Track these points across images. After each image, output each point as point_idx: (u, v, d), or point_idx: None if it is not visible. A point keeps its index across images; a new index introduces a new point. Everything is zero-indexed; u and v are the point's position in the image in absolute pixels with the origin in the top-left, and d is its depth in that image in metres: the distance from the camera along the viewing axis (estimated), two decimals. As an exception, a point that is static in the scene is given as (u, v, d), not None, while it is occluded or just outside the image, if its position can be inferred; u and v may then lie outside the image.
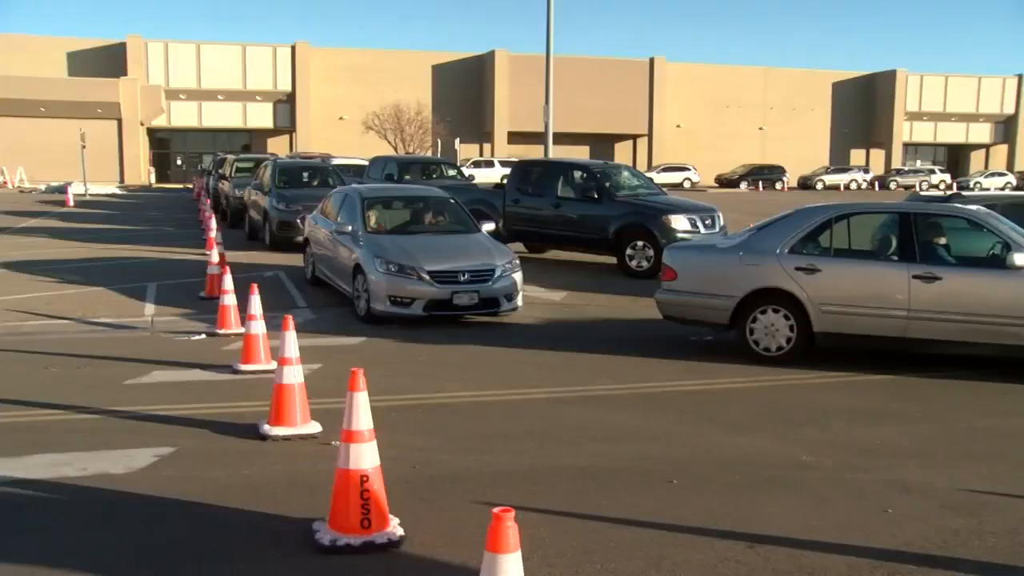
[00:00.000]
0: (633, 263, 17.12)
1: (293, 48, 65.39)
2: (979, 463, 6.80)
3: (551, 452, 6.88)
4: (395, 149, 57.13)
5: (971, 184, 63.69)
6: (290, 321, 7.23)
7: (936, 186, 64.38)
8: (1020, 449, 7.23)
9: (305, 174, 22.74)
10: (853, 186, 67.57)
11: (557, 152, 34.40)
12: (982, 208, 10.42)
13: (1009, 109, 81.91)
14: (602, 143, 71.41)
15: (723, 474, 6.38)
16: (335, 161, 31.66)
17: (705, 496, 5.94)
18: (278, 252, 19.29)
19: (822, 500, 5.92)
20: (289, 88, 65.54)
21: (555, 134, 32.91)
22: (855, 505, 5.83)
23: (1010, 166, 79.18)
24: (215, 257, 14.04)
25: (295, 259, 17.01)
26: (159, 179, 62.06)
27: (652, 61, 72.66)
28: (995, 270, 9.39)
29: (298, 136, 65.39)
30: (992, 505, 5.84)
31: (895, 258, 9.75)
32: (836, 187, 66.13)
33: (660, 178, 53.35)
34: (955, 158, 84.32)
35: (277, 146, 63.23)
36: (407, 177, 23.91)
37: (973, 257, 9.78)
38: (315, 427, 7.14)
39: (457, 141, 58.56)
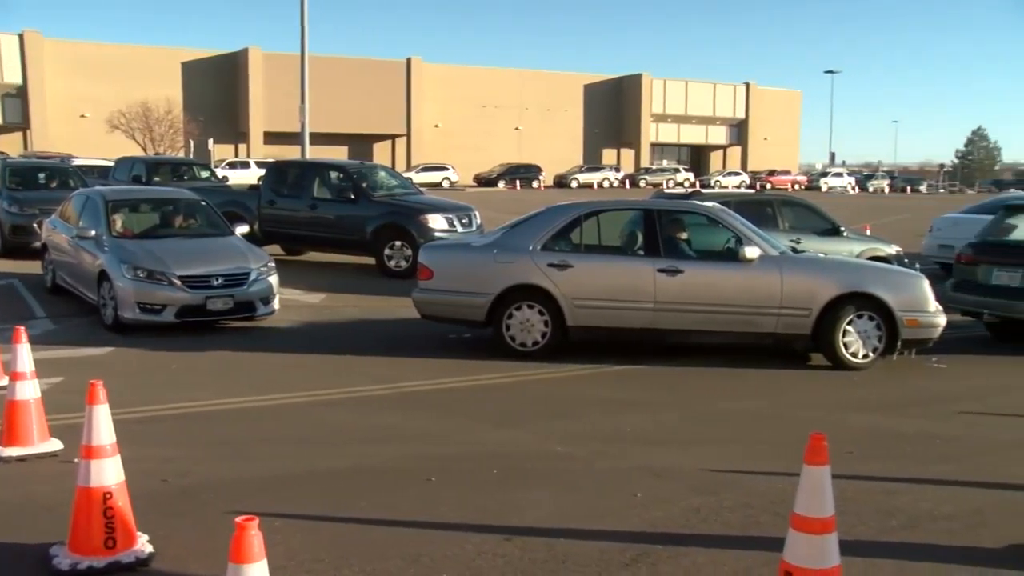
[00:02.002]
0: (392, 263, 17.10)
1: (21, 37, 60.57)
2: (720, 445, 7.26)
3: (310, 456, 6.77)
4: (144, 150, 54.40)
5: (712, 182, 68.03)
6: (22, 332, 6.76)
7: (681, 184, 68.16)
8: (754, 430, 7.75)
9: (41, 175, 21.33)
10: (606, 184, 70.55)
11: (315, 153, 33.91)
12: (718, 205, 11.12)
13: (740, 114, 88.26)
14: (361, 143, 70.96)
15: (481, 469, 6.48)
16: (76, 162, 29.99)
17: (463, 492, 6.01)
18: (12, 259, 17.94)
19: (576, 489, 6.13)
20: (19, 81, 60.61)
21: (313, 134, 32.49)
22: (607, 492, 6.07)
23: (744, 166, 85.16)
24: (-63, 266, 12.94)
25: (33, 266, 15.90)
26: None
27: (409, 61, 73.02)
28: (729, 263, 10.02)
29: (33, 134, 60.72)
30: (729, 483, 6.24)
31: (641, 253, 10.22)
32: (590, 185, 68.78)
33: (419, 178, 53.54)
34: (697, 158, 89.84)
35: (8, 144, 58.58)
36: (156, 179, 23.01)
37: (711, 251, 10.38)
38: (55, 444, 6.71)
39: (211, 141, 56.61)
